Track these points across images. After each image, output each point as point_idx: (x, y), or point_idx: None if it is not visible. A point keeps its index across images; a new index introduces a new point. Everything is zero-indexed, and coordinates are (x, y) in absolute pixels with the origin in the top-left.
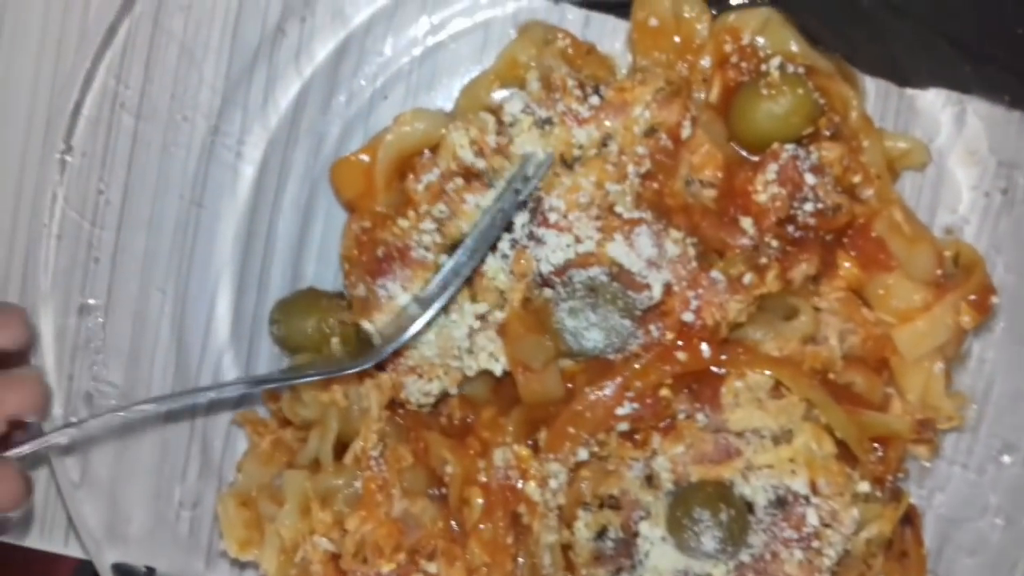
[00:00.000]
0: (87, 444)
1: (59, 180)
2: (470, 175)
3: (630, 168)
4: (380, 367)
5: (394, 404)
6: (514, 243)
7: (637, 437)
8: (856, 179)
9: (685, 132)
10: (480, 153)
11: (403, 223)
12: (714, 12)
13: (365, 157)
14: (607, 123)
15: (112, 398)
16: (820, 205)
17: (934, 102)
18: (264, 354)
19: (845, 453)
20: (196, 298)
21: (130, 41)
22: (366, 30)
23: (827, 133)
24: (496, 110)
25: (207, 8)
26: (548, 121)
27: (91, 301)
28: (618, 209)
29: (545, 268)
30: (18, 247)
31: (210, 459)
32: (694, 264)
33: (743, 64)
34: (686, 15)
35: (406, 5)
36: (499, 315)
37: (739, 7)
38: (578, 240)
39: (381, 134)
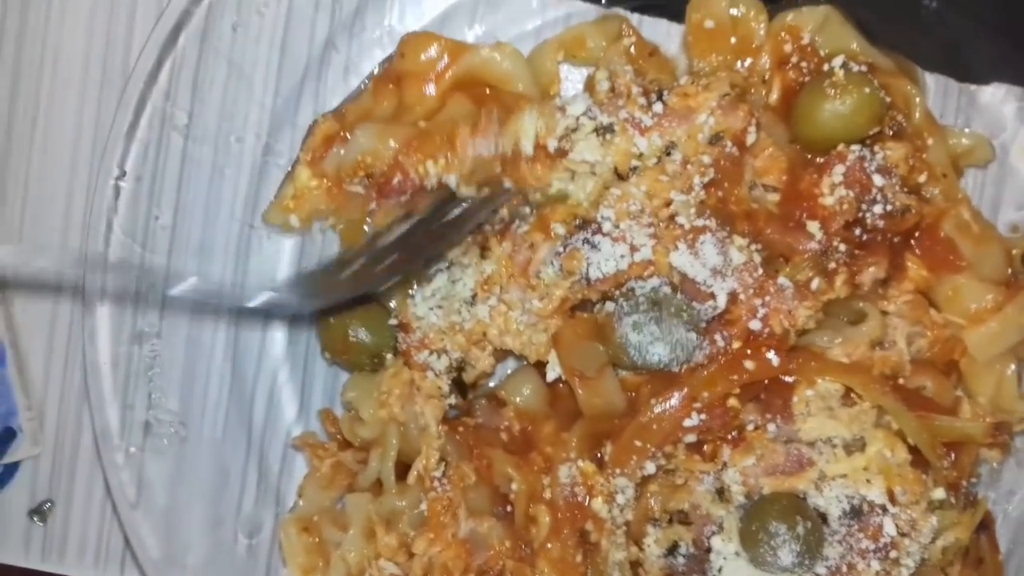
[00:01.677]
0: (143, 465)
1: (113, 206)
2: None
3: (696, 179)
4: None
5: (452, 419)
6: (568, 246)
7: (706, 449)
8: (921, 178)
9: (750, 138)
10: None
11: (431, 167)
12: (770, 10)
13: (445, 58)
14: (671, 131)
15: (170, 425)
16: (889, 207)
17: (996, 97)
18: (320, 370)
19: (917, 459)
20: (250, 318)
21: (181, 63)
22: None
23: (890, 132)
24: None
25: (255, 26)
26: (610, 129)
27: (146, 328)
28: (680, 220)
29: (594, 273)
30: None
31: (268, 483)
32: (760, 271)
33: (803, 64)
34: (742, 15)
35: (454, 17)
36: (537, 303)
37: (796, 5)
38: (634, 249)
39: (473, 47)
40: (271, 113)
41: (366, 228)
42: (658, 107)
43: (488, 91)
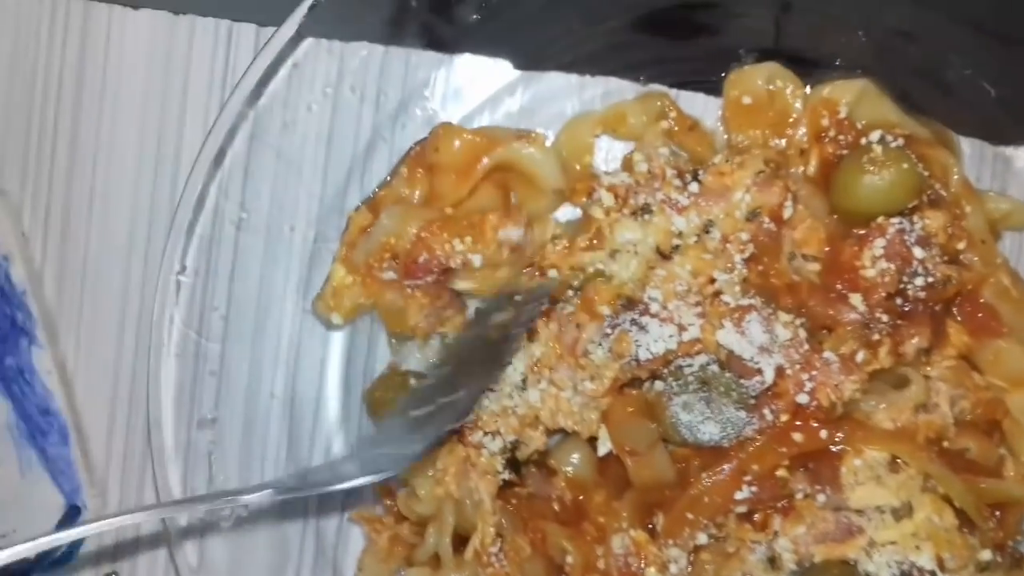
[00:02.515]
0: (205, 531)
1: (175, 300)
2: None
3: (736, 256)
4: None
5: (503, 488)
6: (615, 326)
7: (756, 518)
8: (960, 245)
9: (787, 212)
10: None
11: (458, 245)
12: (807, 85)
13: (478, 139)
14: (708, 210)
15: (230, 507)
16: (930, 279)
17: None
18: None
19: (963, 520)
20: (304, 398)
21: (233, 159)
22: None
23: (927, 200)
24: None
25: (303, 121)
26: (647, 209)
27: (209, 415)
28: (725, 298)
29: (644, 355)
30: (126, 367)
31: (325, 556)
32: (806, 347)
33: (841, 137)
34: (779, 90)
35: (497, 106)
36: (589, 385)
37: (831, 78)
38: (682, 329)
39: (505, 138)
40: (320, 201)
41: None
42: (694, 187)
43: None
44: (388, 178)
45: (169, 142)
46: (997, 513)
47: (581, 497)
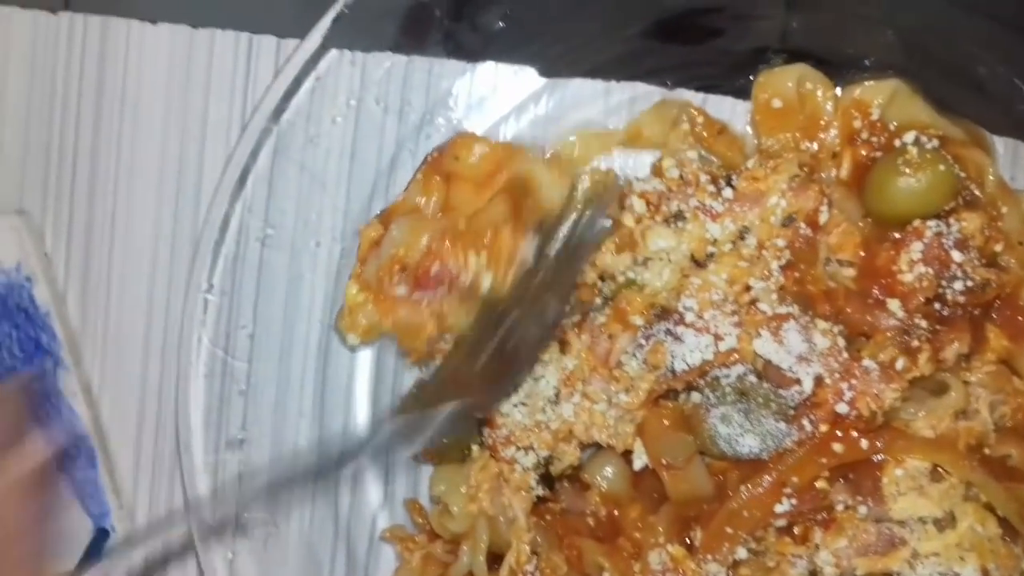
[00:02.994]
0: (235, 551)
1: (203, 319)
2: None
3: (773, 264)
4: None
5: (537, 504)
6: (649, 336)
7: (796, 531)
8: (998, 247)
9: (823, 217)
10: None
11: (472, 259)
12: (836, 86)
13: (499, 150)
14: (743, 216)
15: (263, 524)
16: (969, 283)
17: None
18: (402, 460)
19: (1006, 528)
20: (332, 415)
21: (258, 176)
22: None
23: (963, 202)
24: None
25: (327, 135)
26: (680, 216)
27: (240, 436)
28: (762, 306)
29: (680, 366)
30: (152, 388)
31: (356, 574)
32: (845, 355)
33: (873, 139)
34: (809, 92)
35: (522, 113)
36: (624, 398)
37: (862, 79)
38: (718, 339)
39: (522, 153)
40: (345, 215)
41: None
42: (728, 192)
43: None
44: (405, 190)
45: (191, 157)
46: None
47: (616, 512)
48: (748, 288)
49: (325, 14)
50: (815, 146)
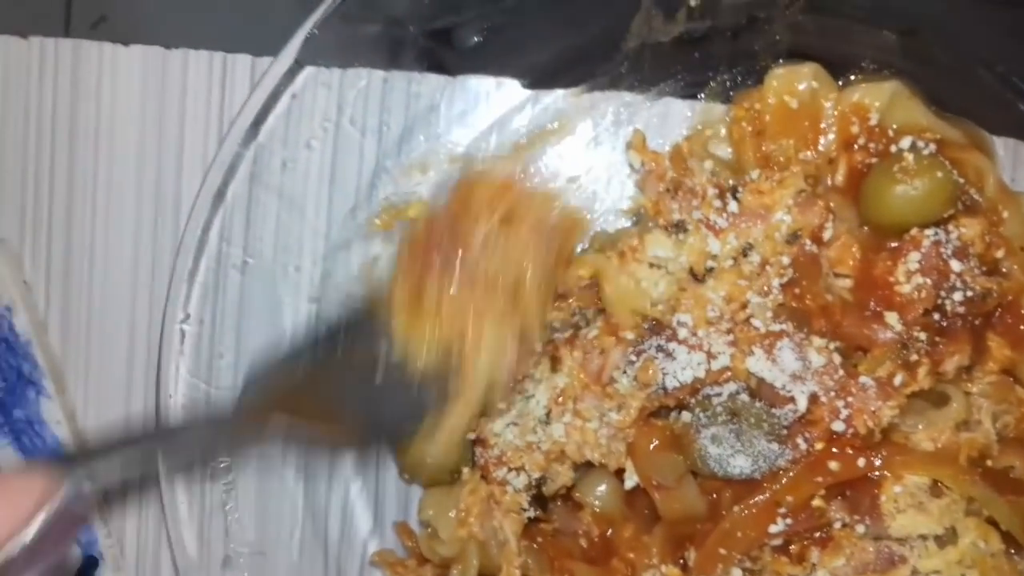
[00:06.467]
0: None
1: (180, 349)
2: None
3: (774, 281)
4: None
5: (529, 524)
6: (640, 352)
7: (793, 550)
8: (999, 253)
9: (827, 233)
10: None
11: None
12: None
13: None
14: (747, 232)
15: (249, 556)
16: (969, 293)
17: None
18: (391, 480)
19: (1009, 542)
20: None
21: (233, 204)
22: None
23: (962, 207)
24: None
25: (304, 159)
26: (682, 227)
27: (221, 464)
28: (755, 323)
29: (671, 383)
30: (136, 414)
31: None
32: (841, 372)
33: (871, 145)
34: (815, 93)
35: (505, 127)
36: (615, 416)
37: (859, 81)
38: (711, 356)
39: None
40: (325, 239)
41: None
42: (733, 206)
43: None
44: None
45: (169, 180)
46: None
47: (610, 532)
48: (745, 306)
49: (296, 33)
50: (811, 155)
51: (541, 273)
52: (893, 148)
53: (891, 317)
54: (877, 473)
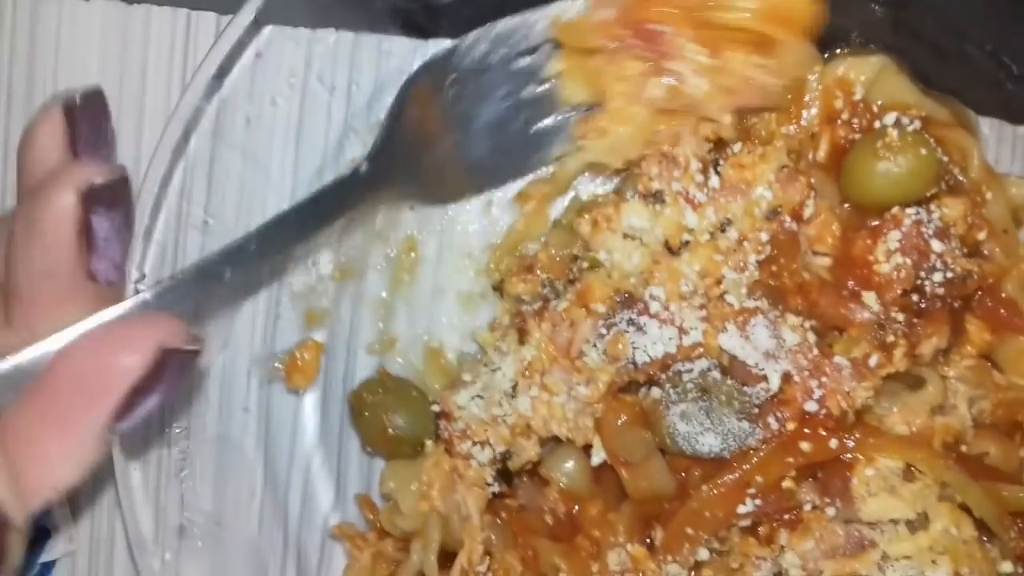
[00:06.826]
0: (180, 569)
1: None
2: None
3: (751, 257)
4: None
5: (493, 500)
6: (611, 326)
7: (761, 531)
8: (981, 235)
9: (808, 211)
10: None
11: None
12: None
13: None
14: (727, 207)
15: (205, 526)
16: (949, 274)
17: None
18: (354, 454)
19: (982, 530)
20: (280, 411)
21: (194, 161)
22: None
23: (945, 186)
24: None
25: (269, 117)
26: (659, 198)
27: (176, 430)
28: (729, 299)
29: (641, 358)
30: None
31: (306, 574)
32: (815, 352)
33: (854, 120)
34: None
35: None
36: (583, 390)
37: (845, 55)
38: (683, 332)
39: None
40: (290, 201)
41: None
42: (715, 181)
43: None
44: None
45: (128, 141)
46: (1020, 522)
47: (575, 509)
48: (720, 281)
49: None
50: (793, 129)
51: None
52: (877, 124)
53: (869, 297)
54: (849, 455)
